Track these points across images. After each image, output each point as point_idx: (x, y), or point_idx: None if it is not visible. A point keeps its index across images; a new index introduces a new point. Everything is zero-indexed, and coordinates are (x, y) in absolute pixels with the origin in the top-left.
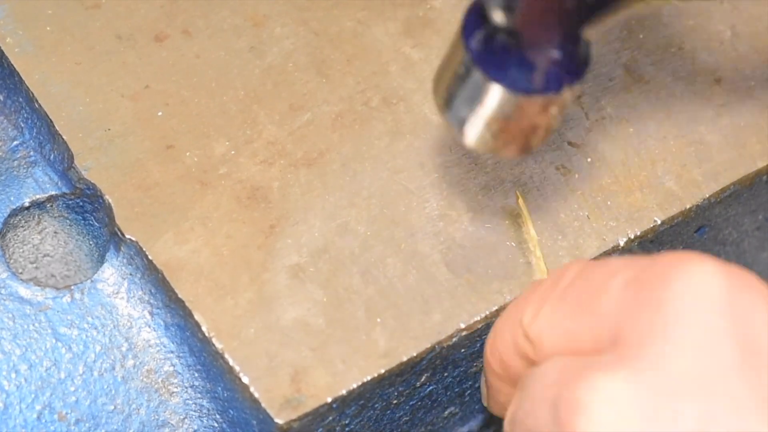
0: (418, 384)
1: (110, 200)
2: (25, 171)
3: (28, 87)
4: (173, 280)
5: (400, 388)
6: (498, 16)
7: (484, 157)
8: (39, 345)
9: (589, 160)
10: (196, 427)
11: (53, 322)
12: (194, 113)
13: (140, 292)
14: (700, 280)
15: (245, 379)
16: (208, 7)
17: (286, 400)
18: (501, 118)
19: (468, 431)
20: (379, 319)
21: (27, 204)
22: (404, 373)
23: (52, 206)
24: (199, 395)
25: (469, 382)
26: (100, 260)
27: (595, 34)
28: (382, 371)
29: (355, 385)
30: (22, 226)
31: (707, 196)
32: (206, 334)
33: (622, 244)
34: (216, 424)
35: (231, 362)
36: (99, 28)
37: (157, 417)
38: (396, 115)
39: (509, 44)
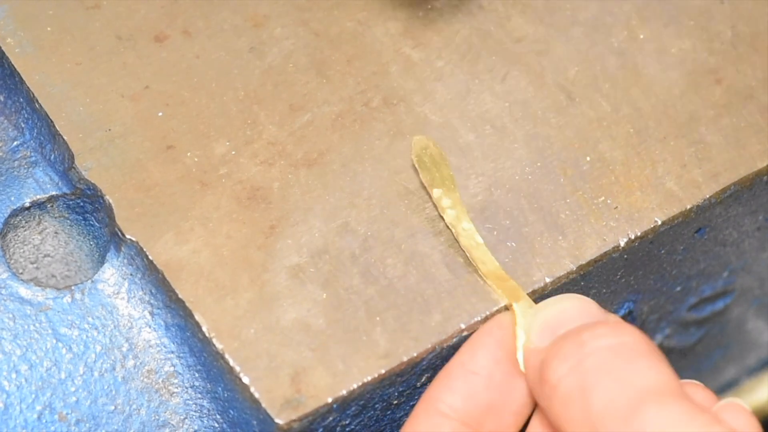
0: (418, 384)
1: (111, 200)
2: (25, 171)
3: (28, 87)
4: (174, 280)
5: (401, 389)
6: None
7: (485, 158)
8: (39, 345)
9: (588, 159)
10: (196, 428)
11: (54, 323)
12: (194, 114)
13: (141, 293)
14: None
15: (246, 380)
16: (208, 7)
17: (286, 400)
18: None
19: None
20: (379, 319)
21: (27, 204)
22: (404, 374)
23: (52, 206)
24: (199, 395)
25: None
26: (101, 260)
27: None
28: (383, 371)
29: (355, 386)
30: (23, 227)
31: (707, 196)
32: (207, 335)
33: (622, 244)
34: (216, 425)
35: (231, 363)
36: (99, 29)
37: (157, 417)
38: (396, 116)
39: None
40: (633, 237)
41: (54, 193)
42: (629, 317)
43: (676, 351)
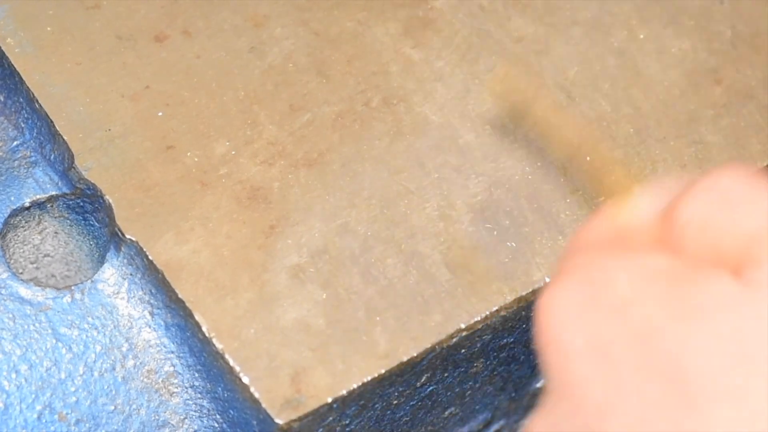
0: (418, 384)
1: (111, 200)
2: (25, 171)
3: (28, 87)
4: (174, 280)
5: (401, 389)
6: None
7: (485, 158)
8: (39, 345)
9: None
10: (196, 428)
11: (53, 323)
12: (194, 114)
13: (140, 293)
14: None
15: (246, 380)
16: (208, 7)
17: (286, 400)
18: None
19: (468, 431)
20: (379, 319)
21: (27, 204)
22: (404, 374)
23: (52, 206)
24: (199, 395)
25: (470, 383)
26: (101, 260)
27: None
28: (383, 371)
29: (355, 386)
30: (23, 226)
31: None
32: (207, 335)
33: None
34: (216, 425)
35: (231, 362)
36: (99, 29)
37: (157, 417)
38: (396, 116)
39: None
40: None
41: (54, 193)
42: None
43: None
